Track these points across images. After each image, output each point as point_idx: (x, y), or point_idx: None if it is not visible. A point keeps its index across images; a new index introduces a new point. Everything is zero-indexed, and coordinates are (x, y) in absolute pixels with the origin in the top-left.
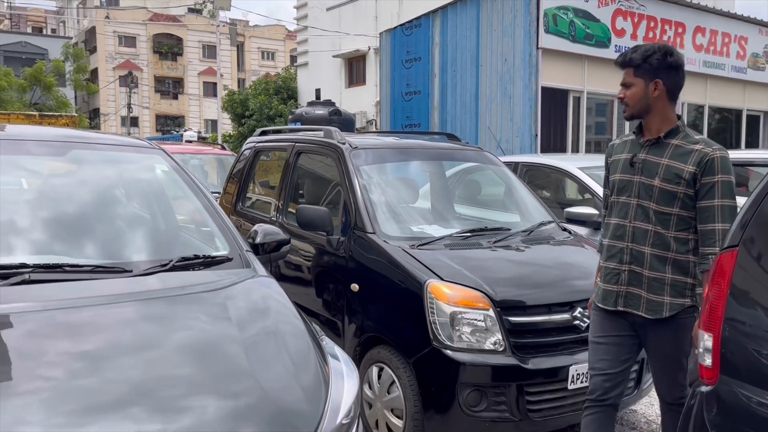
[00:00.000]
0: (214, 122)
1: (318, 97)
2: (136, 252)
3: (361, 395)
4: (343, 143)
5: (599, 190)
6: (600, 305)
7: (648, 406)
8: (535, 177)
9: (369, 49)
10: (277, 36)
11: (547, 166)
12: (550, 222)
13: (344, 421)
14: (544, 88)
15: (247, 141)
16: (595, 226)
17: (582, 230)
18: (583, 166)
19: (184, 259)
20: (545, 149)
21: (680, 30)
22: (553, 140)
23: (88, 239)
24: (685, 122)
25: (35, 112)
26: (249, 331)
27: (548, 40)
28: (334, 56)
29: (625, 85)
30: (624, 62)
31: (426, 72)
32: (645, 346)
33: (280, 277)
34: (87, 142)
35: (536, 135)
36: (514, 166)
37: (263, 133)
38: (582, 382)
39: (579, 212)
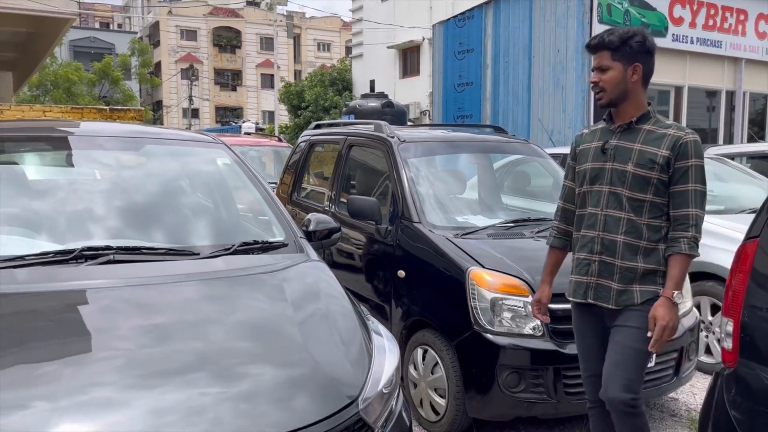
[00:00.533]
0: (272, 113)
1: (372, 88)
2: (202, 237)
3: (401, 368)
4: (392, 137)
5: None
6: (571, 298)
7: (690, 395)
8: None
9: (423, 39)
10: (333, 27)
11: None
12: None
13: (384, 390)
14: None
15: (302, 134)
16: None
17: None
18: None
19: (245, 244)
20: None
21: (742, 17)
22: None
23: (161, 225)
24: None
25: (105, 106)
26: (302, 310)
27: (602, 30)
28: (388, 47)
29: (600, 69)
30: (599, 44)
31: (478, 63)
32: (610, 338)
33: (332, 264)
34: (159, 137)
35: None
36: (562, 158)
37: (317, 127)
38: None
39: None
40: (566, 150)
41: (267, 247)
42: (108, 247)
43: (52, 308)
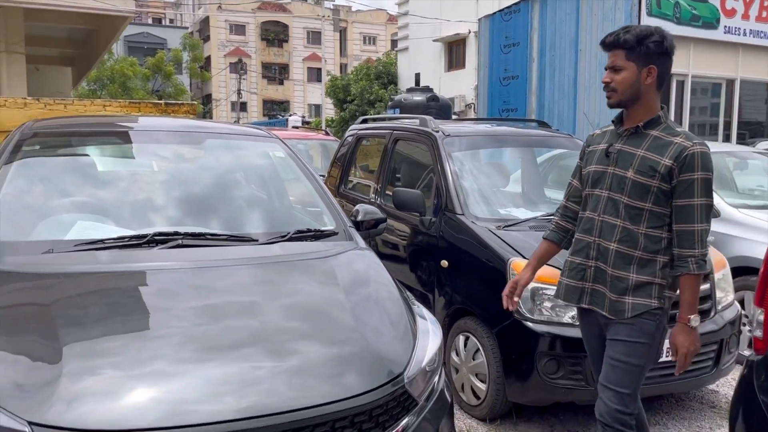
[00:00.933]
0: (318, 107)
1: (417, 81)
2: (260, 225)
3: (444, 349)
4: (437, 131)
5: None
6: (562, 301)
7: (729, 387)
8: None
9: (469, 32)
10: (379, 21)
11: None
12: None
13: (428, 368)
14: None
15: (349, 128)
16: None
17: None
18: None
19: (299, 231)
20: None
21: None
22: None
23: (223, 214)
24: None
25: (160, 100)
26: (352, 293)
27: (650, 23)
28: (434, 40)
29: (613, 68)
30: (614, 43)
31: (524, 57)
32: (606, 347)
33: (378, 254)
34: (219, 132)
35: None
36: None
37: (364, 121)
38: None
39: None
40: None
41: (319, 235)
42: (176, 233)
43: (130, 286)
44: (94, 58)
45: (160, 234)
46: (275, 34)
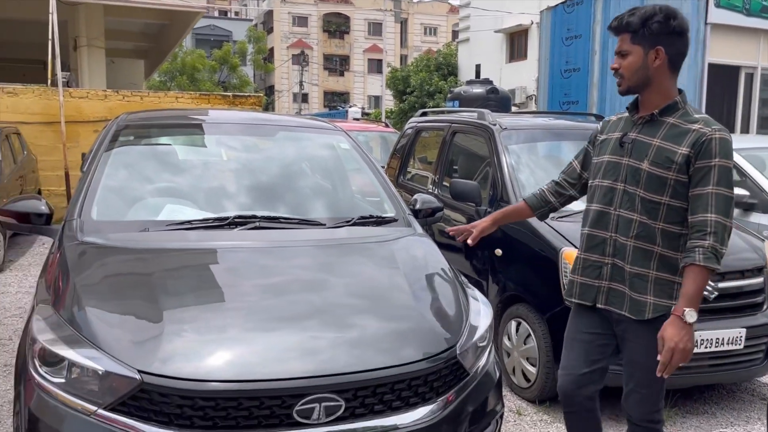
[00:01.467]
0: (377, 98)
1: (478, 73)
2: (327, 211)
3: (495, 331)
4: (494, 124)
5: (752, 172)
6: (576, 300)
7: None
8: None
9: (531, 23)
10: (440, 11)
11: None
12: None
13: (480, 344)
14: (711, 65)
15: (409, 121)
16: (744, 206)
17: (734, 211)
18: (738, 147)
19: (362, 217)
20: None
21: None
22: (720, 118)
23: (294, 200)
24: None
25: (227, 92)
26: (409, 274)
27: (718, 15)
28: (495, 31)
29: (620, 53)
30: (619, 27)
31: (586, 49)
32: (622, 350)
33: (436, 242)
34: (290, 125)
35: None
36: None
37: (424, 114)
38: (705, 347)
39: None
40: None
41: (380, 221)
42: (254, 216)
43: (215, 261)
44: (165, 51)
45: (240, 217)
46: (337, 26)
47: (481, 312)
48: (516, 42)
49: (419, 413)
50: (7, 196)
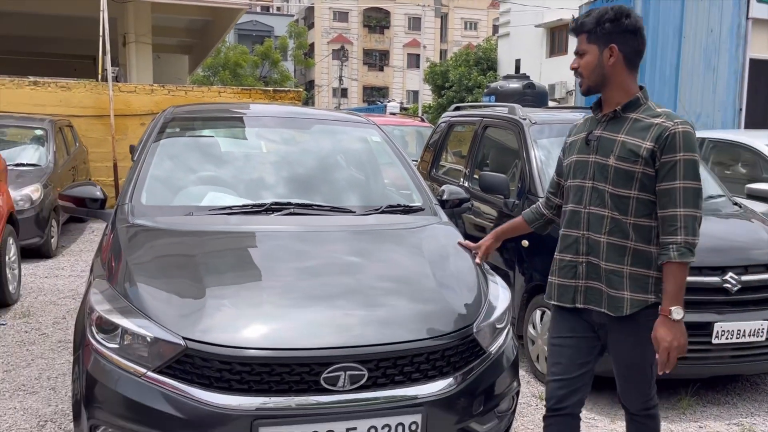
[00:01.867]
0: (416, 93)
1: (518, 67)
2: (357, 199)
3: (511, 309)
4: (524, 119)
5: None
6: (555, 302)
7: None
8: (720, 153)
9: (573, 17)
10: (481, 6)
11: (733, 143)
12: (720, 196)
13: (498, 325)
14: (752, 60)
15: (442, 115)
16: None
17: (763, 207)
18: None
19: (391, 206)
20: (751, 124)
21: None
22: (762, 114)
23: (326, 189)
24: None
25: (266, 87)
26: (433, 258)
27: (760, 10)
28: (536, 26)
29: (578, 53)
30: (576, 28)
31: None
32: (608, 348)
33: (465, 233)
34: (325, 119)
35: (740, 109)
36: (699, 142)
37: (457, 109)
38: (726, 338)
39: (760, 188)
40: (709, 134)
41: (407, 210)
42: (289, 203)
43: (253, 243)
44: (209, 47)
45: (276, 203)
46: (377, 21)
47: (499, 295)
48: (557, 36)
49: (437, 386)
50: (61, 186)
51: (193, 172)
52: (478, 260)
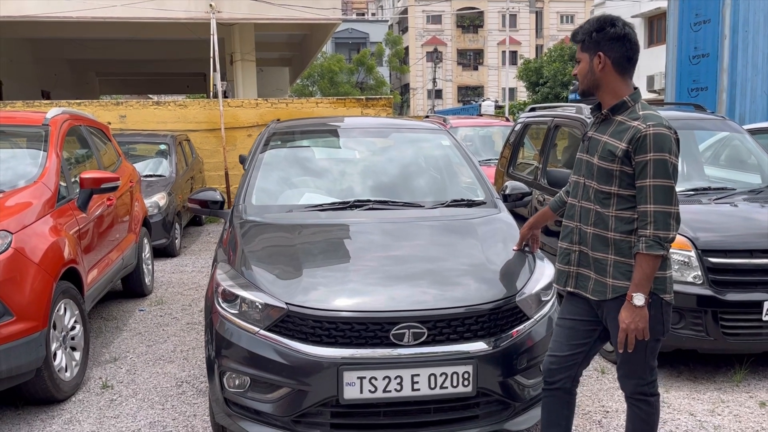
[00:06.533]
0: (512, 90)
1: None
2: (426, 195)
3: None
4: (590, 118)
5: None
6: (555, 285)
7: None
8: None
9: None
10: None
11: None
12: None
13: (543, 298)
14: None
15: (520, 116)
16: None
17: None
18: None
19: (455, 201)
20: None
21: None
22: None
23: (400, 187)
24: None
25: (361, 95)
26: (486, 242)
27: None
28: (632, 17)
29: (576, 60)
30: (572, 38)
31: (715, 34)
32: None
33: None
34: (399, 128)
35: None
36: None
37: (533, 110)
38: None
39: None
40: None
41: (470, 204)
42: (368, 200)
43: (340, 233)
44: (308, 58)
45: (358, 201)
46: (470, 21)
47: (545, 272)
48: (655, 25)
49: (485, 344)
50: (181, 194)
51: (291, 177)
52: (515, 247)
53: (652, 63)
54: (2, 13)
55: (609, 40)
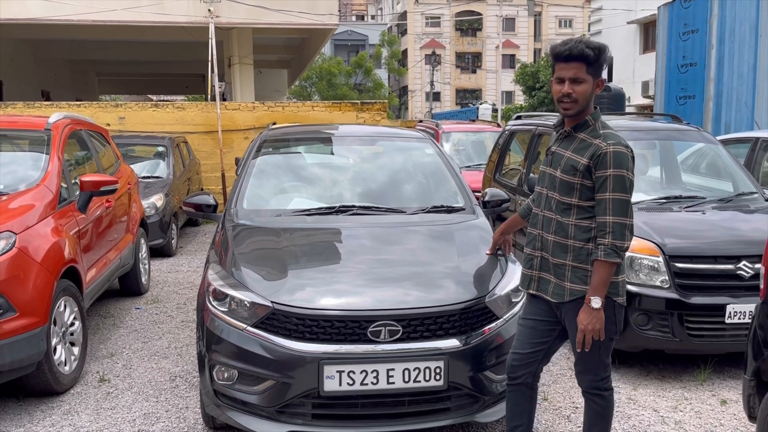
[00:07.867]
0: (510, 94)
1: (610, 66)
2: (408, 202)
3: None
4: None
5: None
6: (520, 288)
7: None
8: None
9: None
10: (575, 3)
11: None
12: (753, 193)
13: (513, 299)
14: None
15: (507, 123)
16: None
17: None
18: None
19: (435, 207)
20: None
21: None
22: None
23: (383, 194)
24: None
25: (357, 99)
26: (461, 246)
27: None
28: (628, 22)
29: (575, 80)
30: (578, 56)
31: (703, 44)
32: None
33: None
34: (386, 136)
35: None
36: (754, 142)
37: (518, 118)
38: (739, 318)
39: None
40: (757, 134)
41: (450, 210)
42: (353, 206)
43: (325, 236)
44: (306, 61)
45: (343, 206)
46: (469, 24)
47: (516, 274)
48: (650, 32)
49: (456, 341)
50: (179, 195)
51: (281, 183)
52: (488, 251)
53: (647, 69)
54: (5, 15)
55: (602, 65)
